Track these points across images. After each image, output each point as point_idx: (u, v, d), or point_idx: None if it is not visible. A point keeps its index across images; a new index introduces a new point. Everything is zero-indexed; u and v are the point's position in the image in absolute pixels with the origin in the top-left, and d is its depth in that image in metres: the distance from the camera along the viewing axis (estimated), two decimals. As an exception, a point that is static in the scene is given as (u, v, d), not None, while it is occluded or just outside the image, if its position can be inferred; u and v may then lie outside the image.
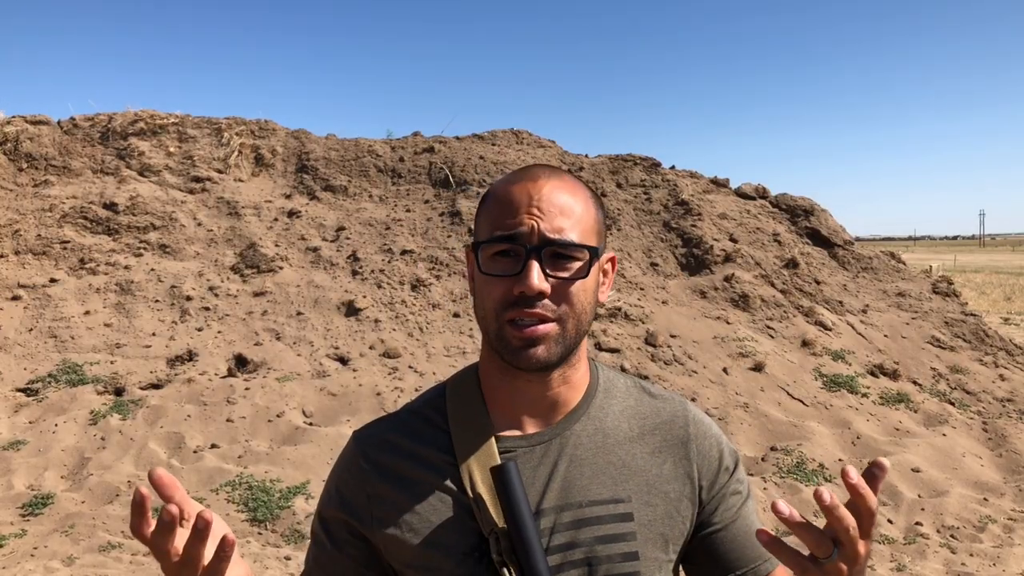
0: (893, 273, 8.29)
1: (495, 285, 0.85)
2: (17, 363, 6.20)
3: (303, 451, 5.14)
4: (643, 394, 0.98)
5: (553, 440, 0.90)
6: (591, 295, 0.88)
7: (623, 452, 0.92)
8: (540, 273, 0.82)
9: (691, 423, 0.96)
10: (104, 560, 4.00)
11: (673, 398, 0.99)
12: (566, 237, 0.84)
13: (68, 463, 5.06)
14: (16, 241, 7.61)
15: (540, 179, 0.87)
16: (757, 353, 6.53)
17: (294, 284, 7.35)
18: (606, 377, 0.98)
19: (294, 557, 4.15)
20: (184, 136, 9.19)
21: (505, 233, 0.84)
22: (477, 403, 0.92)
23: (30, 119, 9.01)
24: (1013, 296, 21.23)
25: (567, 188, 0.87)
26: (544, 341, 0.84)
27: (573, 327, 0.86)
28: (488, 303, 0.86)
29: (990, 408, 6.09)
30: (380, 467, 0.92)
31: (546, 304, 0.84)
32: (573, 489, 0.88)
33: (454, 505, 0.88)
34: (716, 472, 0.95)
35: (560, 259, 0.85)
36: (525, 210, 0.84)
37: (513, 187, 0.87)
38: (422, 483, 0.89)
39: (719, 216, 8.56)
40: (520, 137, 9.63)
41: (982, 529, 4.44)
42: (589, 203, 0.89)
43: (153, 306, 6.98)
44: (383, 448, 0.93)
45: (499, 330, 0.85)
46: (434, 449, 0.91)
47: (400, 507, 0.89)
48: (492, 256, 0.86)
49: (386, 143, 9.44)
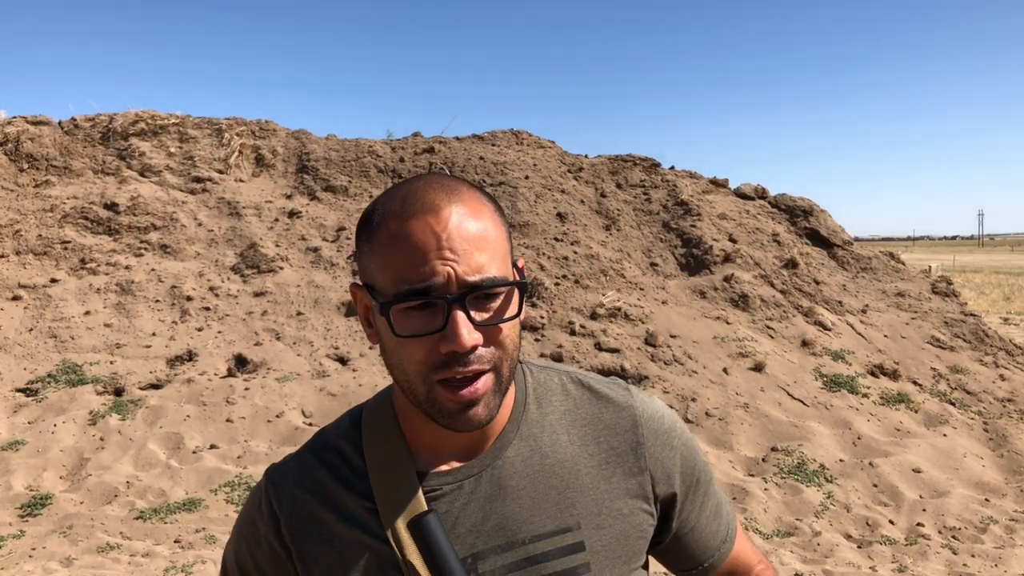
0: (892, 273, 8.29)
1: (415, 346, 0.72)
2: (17, 363, 6.20)
3: (303, 451, 5.14)
4: (583, 391, 0.86)
5: (483, 472, 0.80)
6: (518, 327, 0.77)
7: (564, 472, 0.81)
8: (468, 325, 0.70)
9: (640, 424, 0.85)
10: (102, 561, 3.99)
11: (617, 395, 0.86)
12: (487, 275, 0.71)
13: (67, 463, 5.05)
14: (17, 241, 7.61)
15: (442, 209, 0.72)
16: (757, 353, 6.52)
17: (294, 284, 7.34)
18: (536, 381, 0.86)
19: (293, 557, 4.15)
20: (185, 136, 9.19)
21: (417, 287, 0.70)
22: (396, 439, 0.81)
23: (31, 119, 9.02)
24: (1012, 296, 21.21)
25: (472, 210, 0.74)
26: (483, 399, 0.73)
27: (508, 369, 0.75)
28: (410, 367, 0.73)
29: (991, 408, 6.08)
30: (297, 520, 0.81)
31: (480, 355, 0.72)
32: (513, 525, 0.78)
33: (380, 560, 0.78)
34: (676, 475, 0.86)
35: (486, 300, 0.73)
36: (435, 254, 0.70)
37: (412, 224, 0.72)
38: (345, 537, 0.79)
39: (718, 216, 8.55)
40: (520, 137, 9.63)
41: (984, 530, 4.43)
42: (496, 219, 0.76)
43: (153, 306, 6.98)
44: (298, 498, 0.81)
45: (428, 393, 0.73)
46: (353, 494, 0.80)
47: (320, 561, 0.79)
48: (404, 312, 0.72)
49: (386, 143, 9.44)
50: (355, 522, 0.79)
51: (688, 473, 0.88)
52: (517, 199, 8.35)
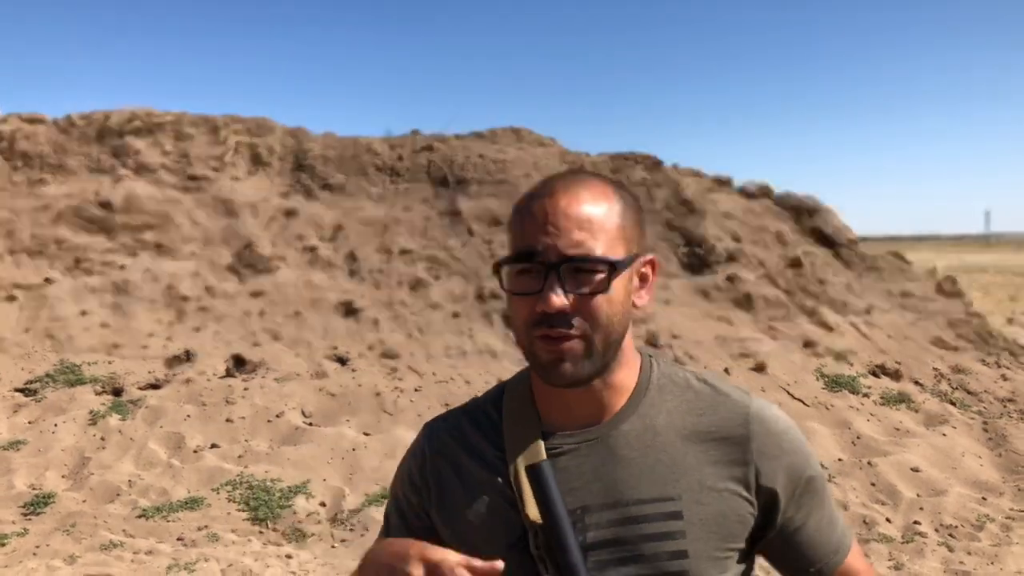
0: (898, 273, 8.30)
1: (521, 303, 0.87)
2: (15, 363, 6.17)
3: (303, 451, 5.13)
4: (705, 387, 0.96)
5: (600, 439, 0.91)
6: (618, 305, 0.87)
7: (673, 451, 0.91)
8: (559, 291, 0.83)
9: (753, 421, 0.92)
10: (106, 559, 3.99)
11: (736, 395, 0.95)
12: (584, 251, 0.84)
13: (68, 463, 5.04)
14: (11, 240, 7.57)
15: (557, 193, 0.87)
16: (759, 354, 6.54)
17: (292, 284, 7.33)
18: (661, 373, 0.96)
19: (295, 555, 4.14)
20: (180, 134, 9.15)
21: (522, 251, 0.86)
22: (528, 403, 0.95)
23: (26, 117, 8.96)
24: (1018, 296, 21.29)
25: (587, 198, 0.87)
26: (570, 358, 0.85)
27: (601, 341, 0.86)
28: (517, 321, 0.88)
29: (991, 408, 6.12)
30: (443, 459, 0.98)
31: (570, 320, 0.84)
32: (620, 488, 0.89)
33: (502, 498, 0.92)
34: (781, 474, 0.92)
35: (580, 274, 0.84)
36: (542, 227, 0.85)
37: (533, 203, 0.88)
38: (476, 475, 0.95)
39: (722, 215, 8.56)
40: (520, 135, 9.62)
41: (980, 528, 4.46)
42: (613, 209, 0.88)
43: (150, 306, 6.96)
44: (446, 442, 0.99)
45: (530, 346, 0.87)
46: (488, 444, 0.95)
47: (456, 495, 0.95)
48: (516, 274, 0.87)
49: (384, 141, 9.42)
50: (486, 465, 0.94)
51: (795, 476, 0.93)
52: (517, 198, 8.32)
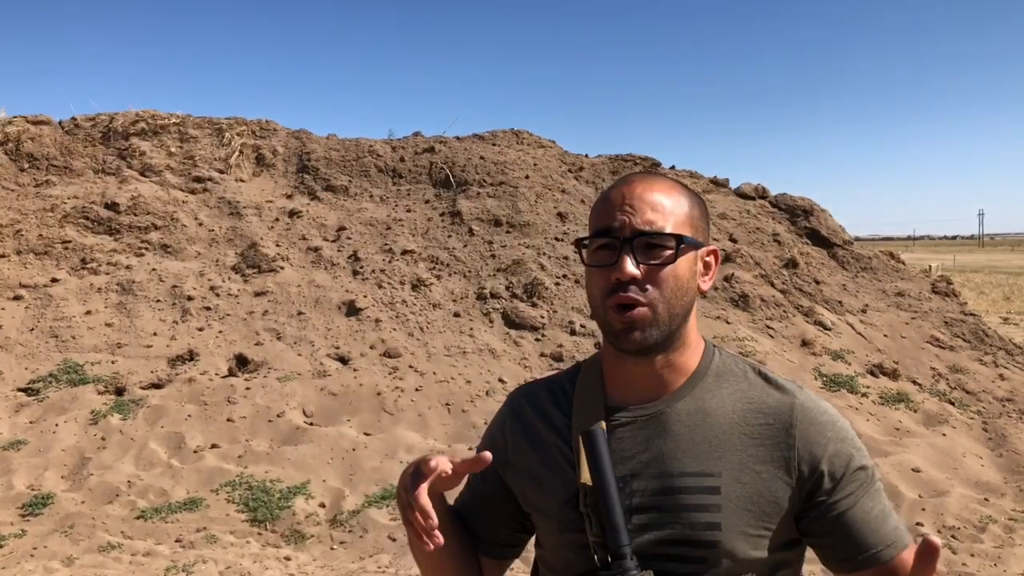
0: (892, 273, 8.29)
1: (598, 275, 0.97)
2: (18, 363, 6.21)
3: (303, 451, 5.14)
4: (759, 379, 1.02)
5: (655, 415, 1.00)
6: (683, 281, 0.97)
7: (720, 431, 0.98)
8: (632, 261, 0.94)
9: (797, 411, 0.98)
10: (104, 560, 4.00)
11: (787, 386, 1.01)
12: (655, 228, 0.95)
13: (68, 463, 5.06)
14: (18, 241, 7.62)
15: (634, 182, 1.00)
16: (757, 353, 6.53)
17: (295, 284, 7.35)
18: (721, 362, 1.04)
19: (294, 557, 4.15)
20: (185, 136, 9.20)
21: (601, 228, 0.97)
22: (597, 379, 1.06)
23: (31, 119, 9.02)
24: (1012, 296, 21.20)
25: (660, 188, 0.99)
26: (640, 325, 0.95)
27: (665, 311, 0.95)
28: (594, 291, 0.98)
29: (990, 408, 6.09)
30: (519, 421, 1.10)
31: (639, 289, 0.94)
32: (666, 459, 0.97)
33: (563, 460, 1.02)
34: (823, 461, 0.96)
35: (651, 248, 0.95)
36: (619, 208, 0.97)
37: (612, 191, 1.00)
38: (546, 439, 1.06)
39: (719, 216, 8.56)
40: (520, 137, 9.63)
41: (983, 529, 4.43)
42: (682, 200, 1.00)
43: (154, 306, 6.99)
44: (524, 407, 1.11)
45: (605, 315, 0.97)
46: (559, 412, 1.07)
47: (528, 456, 1.07)
48: (595, 250, 0.99)
49: (387, 143, 9.44)
50: (554, 429, 1.06)
51: (839, 464, 0.97)
52: (517, 199, 8.36)
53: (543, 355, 6.45)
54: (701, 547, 0.93)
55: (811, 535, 0.99)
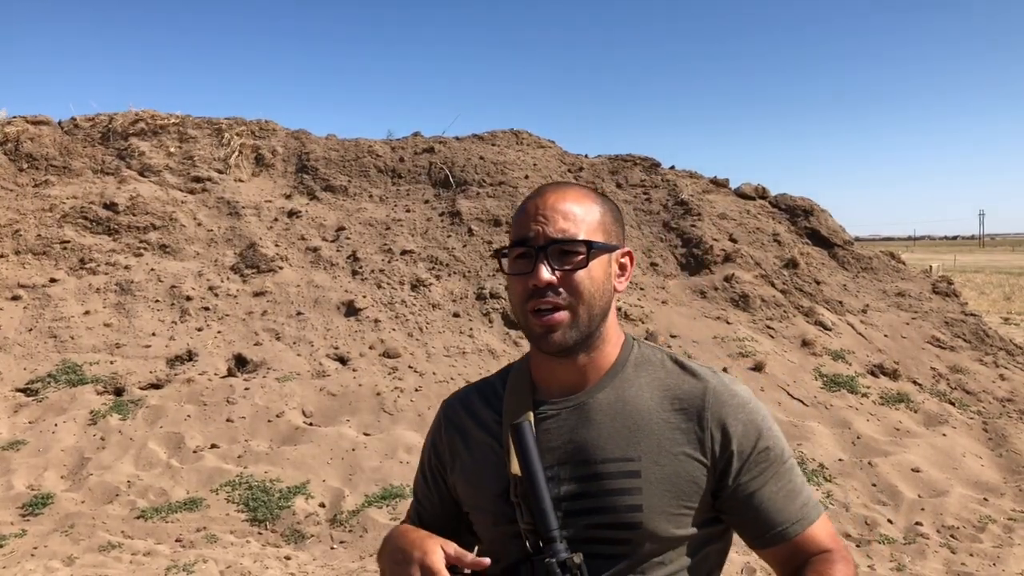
0: (893, 273, 8.29)
1: (517, 283, 1.03)
2: (17, 363, 6.20)
3: (303, 451, 5.14)
4: (676, 368, 1.08)
5: (578, 406, 1.06)
6: (598, 283, 1.03)
7: (639, 418, 1.04)
8: (547, 268, 1.00)
9: (709, 395, 1.04)
10: (104, 560, 4.00)
11: (702, 372, 1.07)
12: (567, 236, 1.01)
13: (68, 463, 5.06)
14: (16, 241, 7.61)
15: (547, 193, 1.05)
16: (757, 353, 6.53)
17: (294, 284, 7.35)
18: (640, 353, 1.10)
19: (294, 557, 4.15)
20: (184, 136, 9.19)
21: (517, 239, 1.03)
22: (526, 377, 1.12)
23: (31, 119, 9.02)
24: (1013, 296, 21.21)
25: (571, 197, 1.05)
26: (559, 328, 1.01)
27: (584, 312, 1.02)
28: (515, 298, 1.04)
29: (990, 408, 6.09)
30: (453, 426, 1.16)
31: (555, 293, 1.00)
32: (589, 448, 1.03)
33: (495, 456, 1.08)
34: (734, 440, 1.02)
35: (565, 255, 1.01)
36: (533, 218, 1.03)
37: (528, 203, 1.06)
38: (478, 438, 1.12)
39: (719, 216, 8.56)
40: (520, 137, 9.63)
41: (982, 529, 4.43)
42: (593, 208, 1.06)
43: (153, 306, 6.99)
44: (457, 411, 1.17)
45: (525, 320, 1.03)
46: (490, 411, 1.13)
47: (463, 458, 1.13)
48: (513, 260, 1.05)
49: (386, 143, 9.44)
50: (485, 428, 1.12)
51: (749, 443, 1.02)
52: (517, 199, 8.35)
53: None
54: (625, 529, 0.99)
55: (725, 513, 1.04)
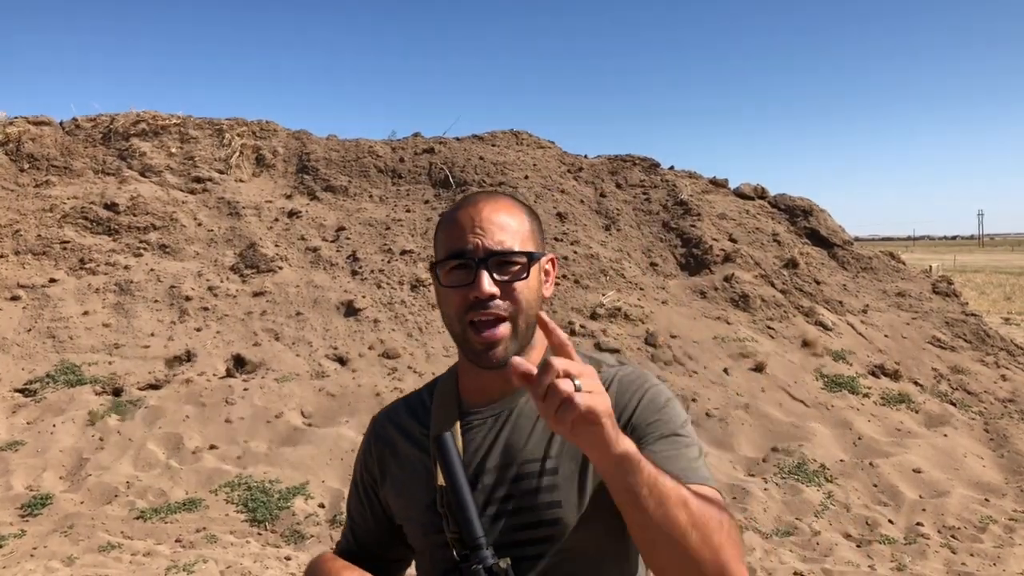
0: (893, 273, 8.28)
1: (454, 295, 1.02)
2: (15, 363, 6.20)
3: (302, 452, 5.13)
4: (587, 361, 1.09)
5: (501, 412, 1.09)
6: (534, 292, 1.04)
7: None
8: (489, 279, 1.00)
9: (615, 382, 1.07)
10: (104, 560, 3.99)
11: (608, 362, 1.12)
12: (506, 247, 1.01)
13: (66, 464, 5.05)
14: (16, 241, 7.61)
15: (479, 203, 1.05)
16: (758, 353, 6.52)
17: (293, 284, 7.34)
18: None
19: (294, 557, 4.14)
20: (185, 137, 9.19)
21: (455, 251, 1.02)
22: (452, 387, 1.14)
23: (32, 120, 9.02)
24: (1013, 296, 21.20)
25: (503, 208, 1.06)
26: (501, 342, 1.01)
27: (523, 322, 1.02)
28: (451, 310, 1.03)
29: (991, 408, 6.08)
30: (382, 441, 1.17)
31: (498, 304, 1.00)
32: (512, 450, 1.06)
33: (423, 468, 1.09)
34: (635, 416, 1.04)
35: (503, 265, 1.02)
36: (470, 231, 1.02)
37: (459, 213, 1.05)
38: (406, 452, 1.13)
39: (718, 216, 8.55)
40: (520, 138, 9.63)
41: (983, 529, 4.42)
42: (524, 218, 1.08)
43: (152, 306, 6.98)
44: (385, 426, 1.18)
45: (463, 333, 1.02)
46: (417, 424, 1.14)
47: (392, 471, 1.14)
48: (448, 271, 1.04)
49: (386, 144, 9.44)
50: (414, 442, 1.13)
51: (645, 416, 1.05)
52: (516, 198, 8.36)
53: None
54: (546, 526, 1.01)
55: None
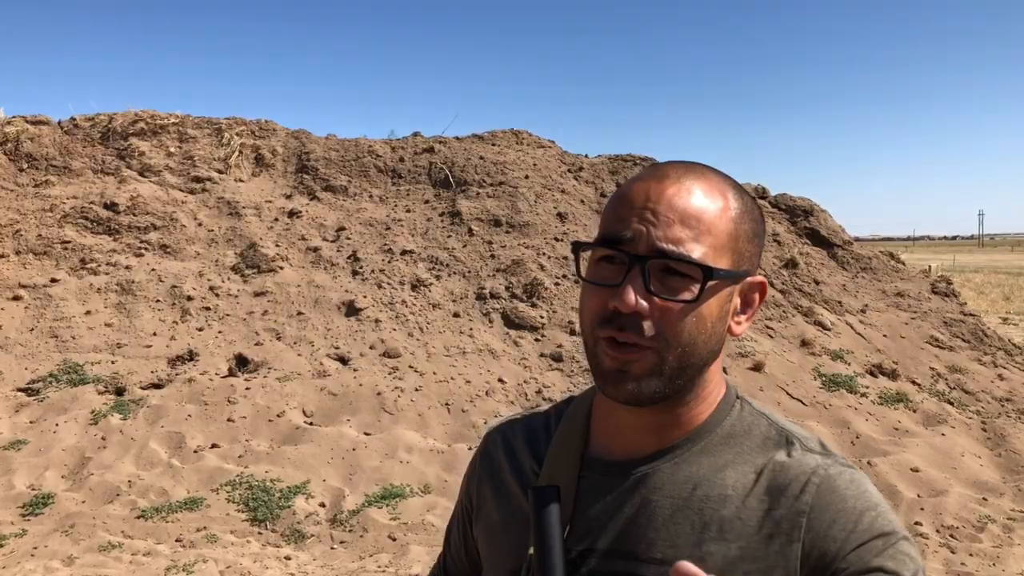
0: (892, 273, 8.30)
1: (594, 295, 0.74)
2: (18, 363, 6.21)
3: (303, 451, 5.15)
4: (783, 443, 0.78)
5: (633, 475, 0.78)
6: (707, 325, 0.73)
7: (709, 512, 0.74)
8: (642, 288, 0.70)
9: (814, 492, 0.73)
10: (104, 560, 4.01)
11: (813, 459, 0.76)
12: (681, 249, 0.70)
13: (68, 463, 5.07)
14: (17, 241, 7.62)
15: (667, 178, 0.73)
16: (756, 353, 6.54)
17: (294, 284, 7.36)
18: (740, 419, 0.80)
19: (294, 557, 4.16)
20: (184, 136, 9.20)
21: (608, 236, 0.73)
22: (582, 420, 0.85)
23: (31, 119, 9.02)
24: (1012, 296, 21.24)
25: (701, 191, 0.73)
26: (636, 374, 0.72)
27: (676, 359, 0.72)
28: (585, 314, 0.75)
29: (989, 408, 6.10)
30: (488, 463, 0.92)
31: (643, 327, 0.70)
32: (633, 537, 0.76)
33: (522, 517, 0.81)
34: (833, 564, 0.70)
35: (671, 275, 0.71)
36: (638, 212, 0.72)
37: (635, 185, 0.75)
38: (507, 483, 0.87)
39: (719, 216, 8.57)
40: (520, 137, 9.64)
41: (981, 529, 4.44)
42: (729, 214, 0.74)
43: (154, 306, 6.99)
44: (496, 446, 0.92)
45: (594, 346, 0.74)
46: (530, 454, 0.87)
47: (488, 506, 0.89)
48: (597, 261, 0.75)
49: (386, 143, 9.45)
50: (519, 477, 0.86)
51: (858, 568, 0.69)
52: (517, 199, 8.36)
53: (543, 355, 6.45)
54: None
55: None
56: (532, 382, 6.07)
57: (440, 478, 4.89)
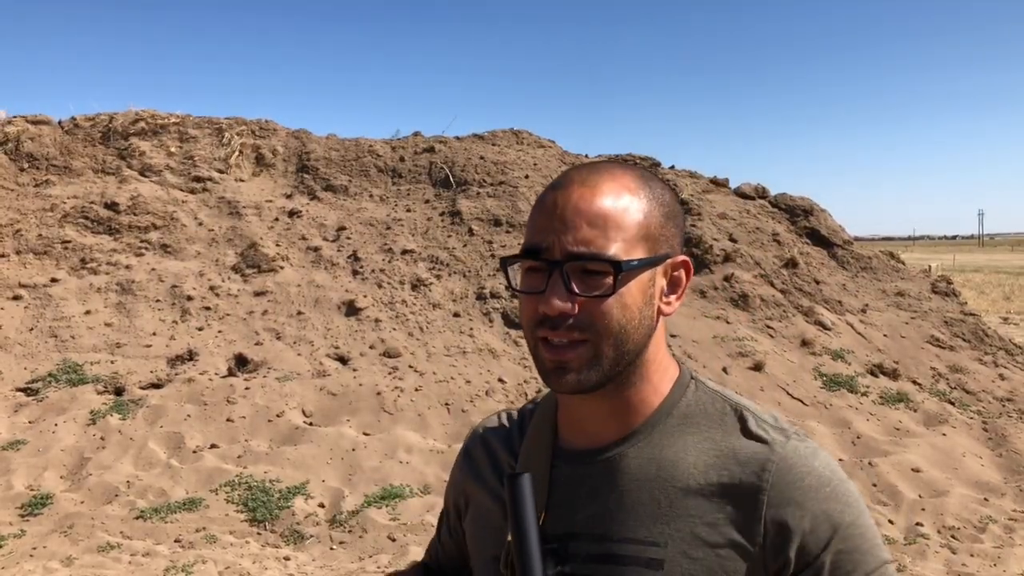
0: (892, 273, 8.29)
1: (527, 303, 0.79)
2: (17, 363, 6.21)
3: (303, 451, 5.14)
4: (738, 425, 0.82)
5: (599, 461, 0.83)
6: (633, 311, 0.77)
7: (672, 491, 0.79)
8: (563, 291, 0.75)
9: (773, 471, 0.77)
10: (103, 560, 4.00)
11: (773, 436, 0.80)
12: (592, 249, 0.75)
13: (67, 463, 5.06)
14: (17, 241, 7.62)
15: (572, 184, 0.79)
16: (757, 352, 6.53)
17: (295, 284, 7.35)
18: (695, 400, 0.84)
19: (293, 557, 4.15)
20: (185, 136, 9.20)
21: (528, 248, 0.79)
22: (550, 413, 0.90)
23: (31, 119, 9.02)
24: (1012, 296, 21.23)
25: (606, 191, 0.78)
26: (574, 367, 0.77)
27: (610, 348, 0.77)
28: (524, 320, 0.81)
29: (990, 408, 6.09)
30: (470, 462, 0.97)
31: (573, 325, 0.76)
32: (606, 520, 0.80)
33: (500, 510, 0.86)
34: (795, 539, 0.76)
35: (589, 275, 0.76)
36: (550, 222, 0.77)
37: (547, 195, 0.80)
38: (487, 479, 0.93)
39: (718, 216, 8.55)
40: (520, 137, 9.63)
41: (983, 529, 4.43)
42: (636, 207, 0.78)
43: (154, 306, 6.99)
44: (477, 444, 0.97)
45: (535, 348, 0.80)
46: (506, 451, 0.93)
47: (471, 501, 0.95)
48: (526, 271, 0.81)
49: (386, 143, 9.45)
50: (497, 471, 0.91)
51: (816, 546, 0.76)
52: (517, 199, 8.36)
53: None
54: None
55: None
56: (532, 382, 6.06)
57: (440, 478, 4.88)
